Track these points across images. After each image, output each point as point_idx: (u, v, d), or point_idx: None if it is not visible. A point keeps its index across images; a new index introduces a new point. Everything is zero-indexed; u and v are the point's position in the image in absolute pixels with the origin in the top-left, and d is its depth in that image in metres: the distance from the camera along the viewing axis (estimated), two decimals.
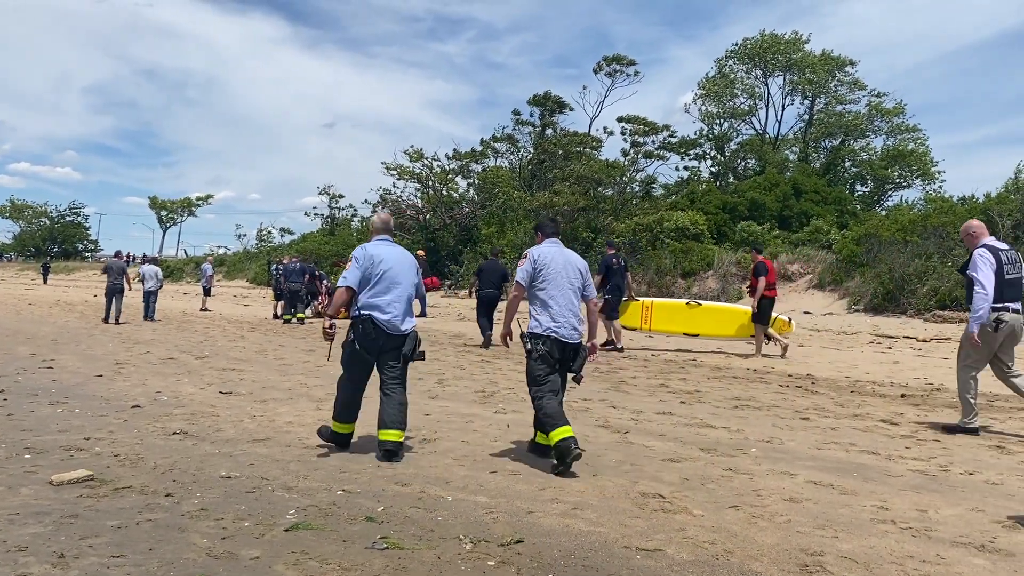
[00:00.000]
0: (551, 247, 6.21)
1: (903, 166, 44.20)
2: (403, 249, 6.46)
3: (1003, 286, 7.02)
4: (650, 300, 15.46)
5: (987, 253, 7.11)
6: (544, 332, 5.89)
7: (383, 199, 42.97)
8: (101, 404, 7.88)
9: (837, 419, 7.95)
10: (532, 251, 6.19)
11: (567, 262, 6.13)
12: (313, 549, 3.92)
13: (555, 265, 6.03)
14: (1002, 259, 7.11)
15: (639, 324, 14.84)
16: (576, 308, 6.06)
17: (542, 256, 6.06)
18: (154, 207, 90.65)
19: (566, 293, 5.99)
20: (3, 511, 4.40)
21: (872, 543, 4.19)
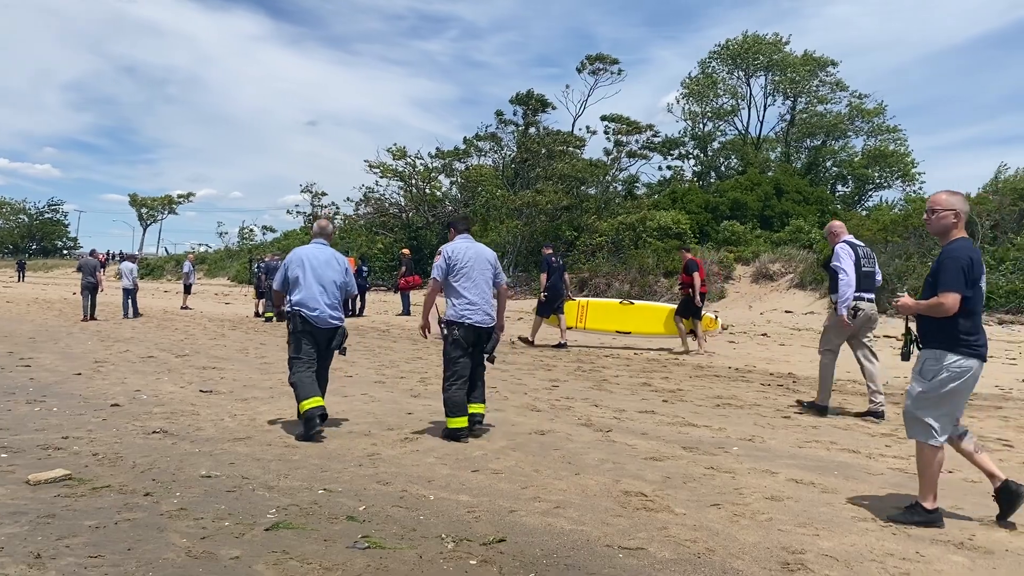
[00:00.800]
0: (463, 242, 6.88)
1: (884, 167, 44.50)
2: (333, 251, 7.19)
3: (860, 277, 7.85)
4: (586, 300, 16.09)
5: (847, 247, 7.95)
6: (459, 319, 6.61)
7: (366, 197, 42.76)
8: (79, 403, 7.80)
9: (818, 418, 7.99)
10: (445, 248, 6.83)
11: (478, 255, 6.81)
12: (294, 549, 3.89)
13: (467, 258, 6.72)
14: (859, 254, 7.96)
15: (575, 323, 15.25)
16: (488, 296, 6.76)
17: (455, 251, 6.74)
18: (134, 205, 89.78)
19: (478, 283, 6.70)
20: None
21: (853, 541, 4.22)
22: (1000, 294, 20.13)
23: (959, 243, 4.54)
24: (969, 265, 4.40)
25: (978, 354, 4.46)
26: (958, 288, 4.36)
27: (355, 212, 44.34)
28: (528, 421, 7.42)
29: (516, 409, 8.06)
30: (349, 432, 6.76)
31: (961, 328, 4.42)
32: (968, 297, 4.39)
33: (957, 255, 4.43)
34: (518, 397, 8.80)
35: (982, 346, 4.48)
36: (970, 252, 4.46)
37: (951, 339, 4.44)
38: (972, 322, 4.44)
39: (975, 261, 4.43)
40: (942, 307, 4.40)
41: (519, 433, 6.86)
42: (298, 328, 6.81)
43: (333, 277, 6.96)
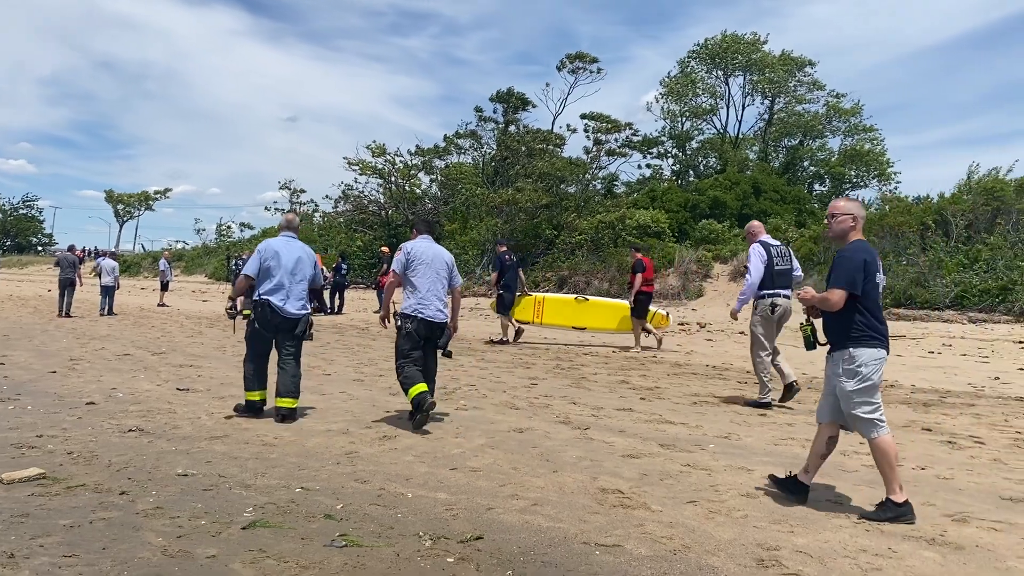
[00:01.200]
0: (423, 242, 7.35)
1: (860, 166, 44.89)
2: (302, 244, 7.58)
3: (774, 276, 8.27)
4: (542, 295, 16.42)
5: (760, 248, 8.44)
6: (412, 312, 7.06)
7: (345, 195, 42.60)
8: (54, 401, 7.73)
9: (794, 415, 8.07)
10: (406, 245, 7.33)
11: (436, 255, 7.27)
12: (271, 547, 3.88)
13: (425, 257, 7.18)
14: (772, 253, 8.39)
15: (532, 318, 15.52)
16: (442, 294, 7.23)
17: (415, 249, 7.20)
18: (110, 201, 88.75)
19: (434, 281, 7.16)
20: None
21: (827, 537, 4.27)
22: (973, 293, 20.39)
23: (855, 245, 4.84)
24: (863, 265, 4.70)
25: (883, 344, 4.77)
26: (845, 286, 4.68)
27: (334, 209, 44.19)
28: (507, 419, 7.44)
29: (495, 407, 8.07)
30: (327, 430, 6.75)
31: (861, 324, 4.74)
32: (861, 295, 4.71)
33: (851, 256, 4.75)
34: (497, 395, 8.82)
35: (884, 336, 4.79)
36: (864, 253, 4.77)
37: (856, 336, 4.74)
38: (869, 317, 4.76)
39: (868, 261, 4.73)
40: (828, 301, 4.74)
41: (497, 431, 6.88)
42: (264, 318, 7.18)
43: (303, 270, 7.37)
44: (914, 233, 24.09)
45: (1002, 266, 20.83)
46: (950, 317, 19.92)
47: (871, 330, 4.74)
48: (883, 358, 4.76)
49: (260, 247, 7.45)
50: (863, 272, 4.70)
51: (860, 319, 4.73)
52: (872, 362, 4.71)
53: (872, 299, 4.75)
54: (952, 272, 21.53)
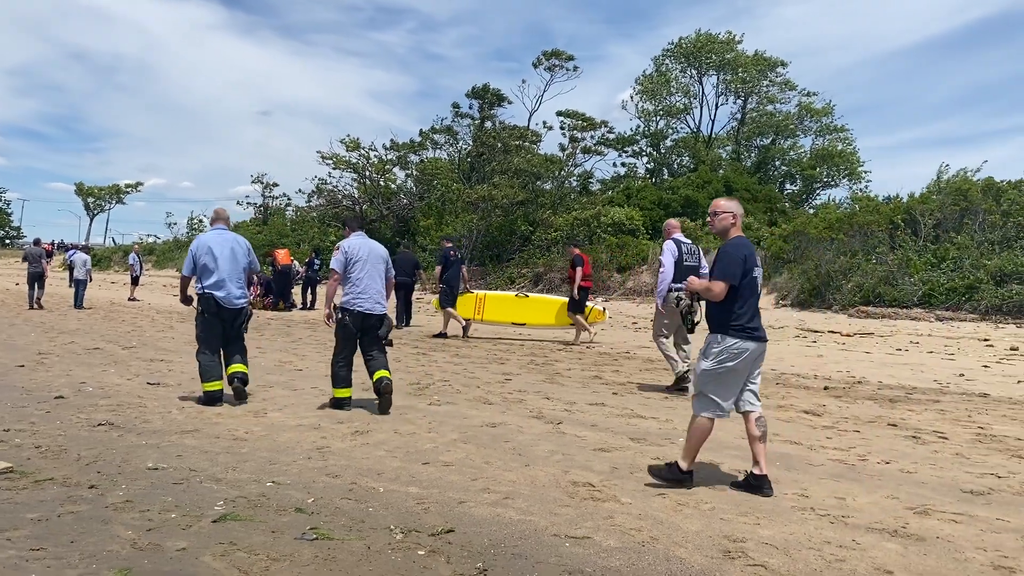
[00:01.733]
0: (357, 239, 7.65)
1: (831, 166, 45.42)
2: (234, 235, 7.93)
3: (682, 271, 8.75)
4: (483, 292, 16.81)
5: (672, 245, 9.02)
6: (349, 306, 7.37)
7: (318, 189, 42.37)
8: (22, 395, 7.65)
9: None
10: (343, 243, 7.62)
11: (372, 250, 7.60)
12: (241, 540, 3.89)
13: (362, 253, 7.49)
14: (683, 250, 9.03)
15: (473, 314, 15.65)
16: (380, 287, 7.55)
17: (351, 247, 7.52)
18: (80, 194, 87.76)
19: (371, 275, 7.46)
20: None
21: (792, 529, 4.34)
22: (940, 291, 20.68)
23: (735, 241, 5.16)
24: (743, 259, 5.01)
25: (753, 337, 5.02)
26: (727, 278, 4.98)
27: (307, 204, 43.94)
28: (480, 414, 7.47)
29: (468, 402, 8.10)
30: (298, 425, 6.74)
31: (736, 315, 5.00)
32: (739, 287, 5.00)
33: (733, 252, 5.06)
34: (471, 390, 8.84)
35: (756, 329, 5.05)
36: (744, 249, 5.09)
37: (729, 325, 5.00)
38: (745, 309, 5.02)
39: (748, 256, 5.04)
40: (711, 291, 5.03)
41: (471, 426, 6.90)
42: (210, 310, 7.53)
43: (239, 260, 7.72)
44: (883, 232, 24.39)
45: (968, 265, 21.14)
46: (918, 315, 20.20)
47: (744, 322, 5.00)
48: (747, 351, 4.99)
49: (192, 245, 7.74)
50: (743, 267, 5.00)
51: (736, 310, 5.00)
52: (734, 351, 4.98)
53: (749, 291, 5.04)
54: (920, 271, 21.83)
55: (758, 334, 5.05)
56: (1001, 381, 10.82)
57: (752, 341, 5.00)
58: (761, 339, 5.07)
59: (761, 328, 5.10)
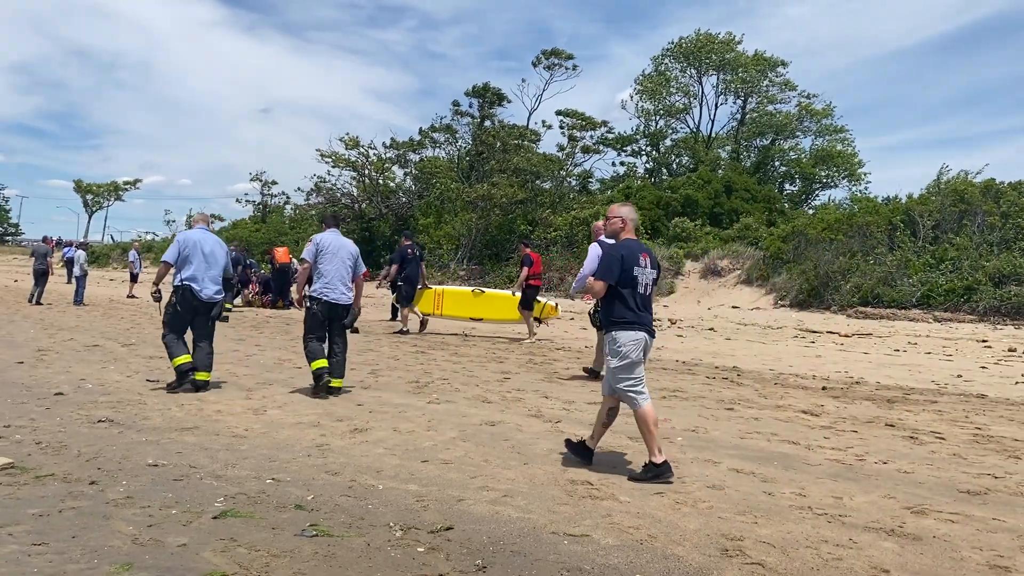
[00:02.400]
0: (331, 235, 8.39)
1: (830, 166, 45.48)
2: (215, 237, 8.58)
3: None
4: (441, 288, 17.04)
5: (598, 248, 9.16)
6: (318, 295, 8.10)
7: (317, 187, 42.39)
8: (22, 391, 7.66)
9: (760, 410, 8.19)
10: (315, 237, 8.40)
11: (342, 246, 8.35)
12: (242, 536, 3.91)
13: (332, 247, 8.22)
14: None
15: (432, 310, 16.15)
16: (347, 279, 8.28)
17: (323, 240, 8.25)
18: (79, 191, 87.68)
19: (339, 268, 8.19)
20: None
21: (790, 528, 4.37)
22: (939, 293, 20.73)
23: (620, 243, 5.54)
24: (620, 259, 5.35)
25: (640, 328, 5.38)
26: (605, 278, 5.35)
27: (306, 202, 43.96)
28: (479, 412, 7.49)
29: (467, 401, 8.12)
30: (298, 423, 6.76)
31: (620, 311, 5.37)
32: (618, 284, 5.35)
33: (611, 251, 5.46)
34: (470, 389, 8.86)
35: (642, 323, 5.39)
36: (624, 250, 5.42)
37: (616, 321, 5.38)
38: (628, 305, 5.37)
39: (626, 256, 5.37)
40: (592, 290, 5.45)
41: (470, 424, 6.92)
42: (186, 299, 8.11)
43: (219, 259, 8.39)
44: (882, 233, 24.45)
45: (967, 266, 21.20)
46: (916, 316, 20.26)
47: (629, 316, 5.35)
48: (641, 338, 5.34)
49: (179, 238, 8.42)
50: (620, 265, 5.34)
51: (620, 306, 5.36)
52: (630, 343, 5.32)
53: (631, 288, 5.37)
54: (919, 272, 21.88)
55: (646, 327, 5.41)
56: (999, 382, 10.86)
57: (641, 331, 5.36)
58: (650, 332, 5.44)
59: (645, 320, 5.43)
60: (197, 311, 8.17)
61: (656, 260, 5.73)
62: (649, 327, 5.44)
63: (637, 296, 5.39)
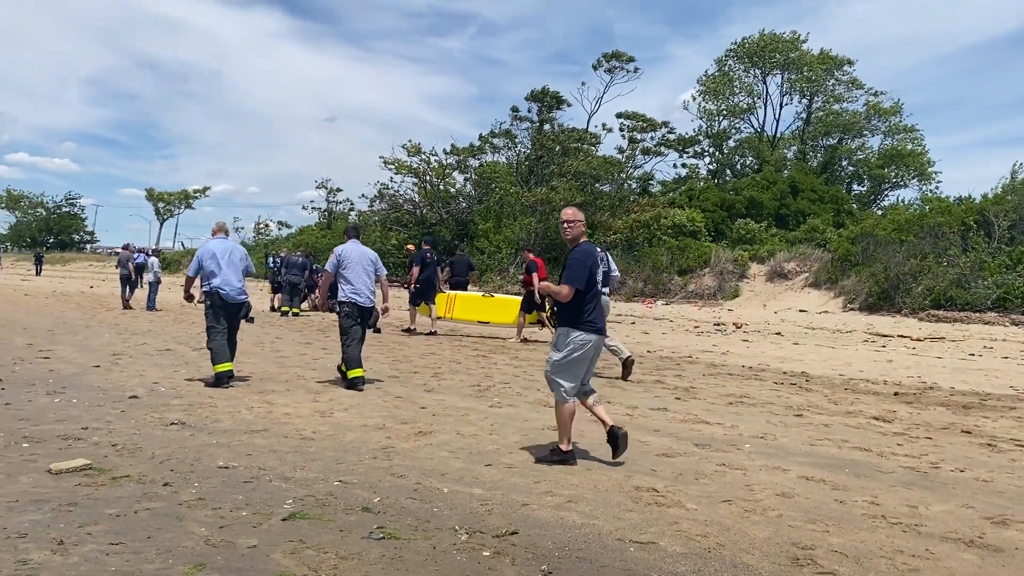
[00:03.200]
0: (351, 245, 9.18)
1: (900, 166, 44.30)
2: (234, 243, 9.38)
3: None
4: (453, 292, 17.31)
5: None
6: (346, 299, 8.94)
7: (380, 193, 42.93)
8: (98, 394, 7.90)
9: (830, 416, 8.01)
10: (337, 248, 9.23)
11: (362, 255, 9.16)
12: (310, 538, 3.96)
13: (353, 256, 9.05)
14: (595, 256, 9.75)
15: (444, 313, 16.60)
16: (369, 284, 9.09)
17: (344, 251, 9.08)
18: (151, 199, 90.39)
19: (360, 274, 9.01)
20: (3, 499, 4.44)
21: (863, 537, 4.25)
22: (1016, 295, 20.02)
23: (582, 248, 5.74)
24: (588, 267, 5.62)
25: (595, 329, 5.66)
26: (573, 283, 5.56)
27: (370, 208, 44.53)
28: (541, 417, 7.48)
29: (529, 405, 8.11)
30: (363, 426, 6.84)
31: (580, 311, 5.62)
32: (584, 288, 5.60)
33: (581, 258, 5.64)
34: (531, 393, 8.85)
35: (597, 328, 5.68)
36: (589, 257, 5.67)
37: (574, 319, 5.64)
38: (590, 307, 5.66)
39: (592, 265, 5.65)
40: (560, 294, 5.58)
41: (532, 428, 6.92)
42: (217, 304, 8.84)
43: (239, 263, 9.12)
44: (955, 234, 23.72)
45: None
46: (992, 319, 19.59)
47: (587, 318, 5.63)
48: (591, 341, 5.64)
49: (199, 251, 9.23)
50: (588, 272, 5.60)
51: (581, 308, 5.62)
52: (580, 344, 5.60)
53: (592, 292, 5.67)
54: (994, 273, 21.17)
55: (598, 327, 5.70)
56: None
57: (594, 334, 5.65)
58: (601, 332, 5.74)
59: (601, 322, 5.77)
60: (228, 311, 8.93)
61: (606, 256, 6.03)
62: (602, 329, 5.77)
63: (595, 299, 5.73)
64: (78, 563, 3.56)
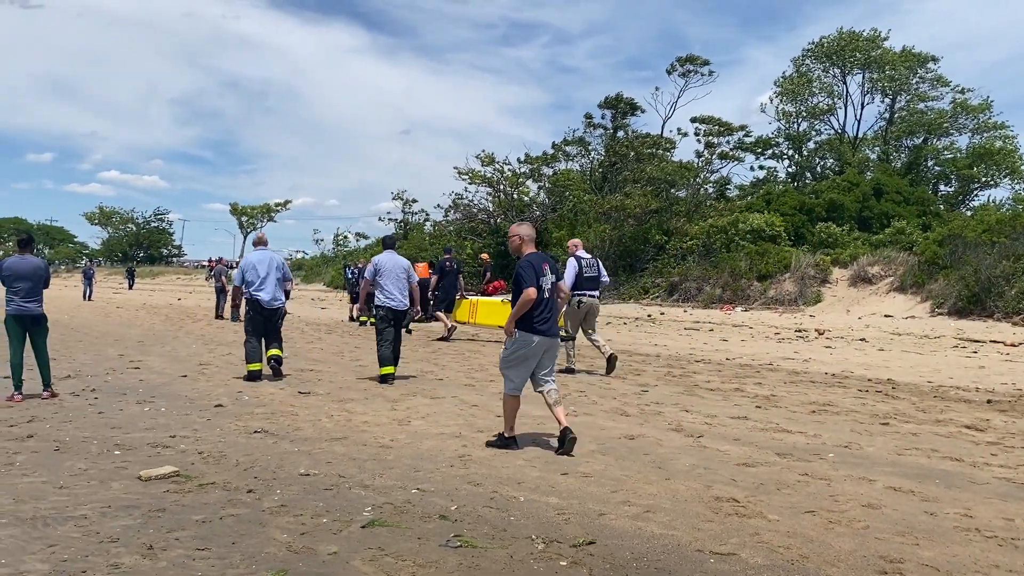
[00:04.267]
0: (387, 255, 10.34)
1: (990, 164, 42.52)
2: (271, 254, 10.43)
3: (583, 281, 11.08)
4: (476, 298, 17.78)
5: (574, 261, 11.18)
6: (383, 304, 10.07)
7: (455, 204, 43.29)
8: (186, 403, 8.17)
9: (919, 425, 7.73)
10: (375, 258, 10.38)
11: (396, 264, 10.26)
12: (389, 546, 4.00)
13: (388, 265, 10.18)
14: (582, 265, 11.18)
15: (467, 318, 16.98)
16: (403, 289, 10.21)
17: (380, 261, 10.23)
18: (235, 213, 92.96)
19: (395, 281, 10.13)
20: (96, 504, 4.62)
21: (955, 551, 4.08)
22: None
23: (528, 257, 6.38)
24: (536, 271, 6.26)
25: (539, 331, 6.27)
26: (532, 284, 6.17)
27: (445, 218, 44.96)
28: (617, 426, 7.42)
29: (605, 414, 8.06)
30: (440, 434, 6.89)
31: (528, 317, 6.24)
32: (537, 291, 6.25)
33: (525, 265, 6.29)
34: (607, 402, 8.79)
35: (544, 323, 6.30)
36: (528, 264, 6.29)
37: (522, 322, 6.25)
38: (535, 311, 6.24)
39: (537, 270, 6.26)
40: (526, 298, 6.15)
41: (608, 437, 6.86)
42: (256, 309, 10.00)
43: (276, 272, 10.21)
44: None
45: None
46: None
47: (536, 321, 6.26)
48: (535, 341, 6.26)
49: (242, 263, 10.41)
50: (536, 275, 6.23)
51: (529, 312, 6.22)
52: (524, 342, 6.25)
53: (540, 296, 6.24)
54: None
55: (543, 328, 6.29)
56: None
57: (538, 335, 6.25)
58: (546, 333, 6.31)
59: (550, 323, 6.37)
60: (265, 316, 10.04)
61: (555, 267, 6.67)
62: (548, 332, 6.35)
63: (544, 303, 6.30)
64: (166, 568, 3.67)
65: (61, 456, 5.84)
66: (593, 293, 11.31)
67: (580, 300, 11.19)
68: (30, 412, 7.54)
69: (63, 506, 4.59)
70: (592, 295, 11.28)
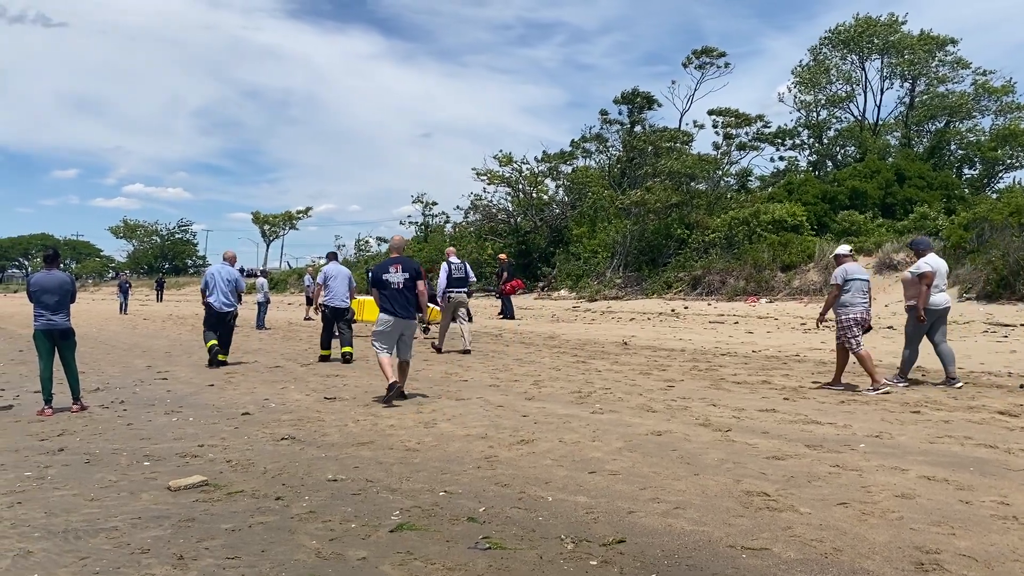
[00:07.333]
0: (333, 265, 13.74)
1: (1015, 146, 41.90)
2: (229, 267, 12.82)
3: (452, 281, 13.87)
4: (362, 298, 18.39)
5: (445, 266, 14.01)
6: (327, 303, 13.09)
7: (474, 205, 43.35)
8: (213, 412, 8.21)
9: (950, 412, 7.62)
10: (324, 268, 13.64)
11: (339, 272, 13.45)
12: (418, 549, 3.99)
13: (334, 273, 13.39)
14: (452, 268, 13.94)
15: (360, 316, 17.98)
16: (345, 294, 13.19)
17: (329, 269, 13.50)
18: (257, 222, 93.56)
19: (340, 286, 13.26)
20: (126, 515, 4.65)
21: (993, 540, 4.01)
22: None
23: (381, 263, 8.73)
24: (379, 274, 8.71)
25: (389, 312, 8.59)
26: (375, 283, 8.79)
27: (464, 220, 45.02)
28: (644, 422, 7.37)
29: (631, 410, 8.01)
30: (466, 435, 6.88)
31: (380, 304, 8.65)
32: (377, 288, 8.70)
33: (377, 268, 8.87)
34: (633, 398, 8.74)
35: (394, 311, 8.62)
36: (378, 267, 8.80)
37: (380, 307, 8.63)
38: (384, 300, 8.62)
39: (376, 270, 8.70)
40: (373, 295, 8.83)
41: (635, 434, 6.82)
42: (211, 313, 12.38)
43: (229, 283, 12.48)
44: None
45: None
46: None
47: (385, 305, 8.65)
48: (391, 321, 8.58)
49: (206, 274, 12.83)
50: (377, 276, 8.66)
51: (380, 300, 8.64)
52: (383, 321, 8.59)
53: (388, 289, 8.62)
54: None
55: (389, 310, 8.59)
56: None
57: (390, 315, 8.58)
58: (393, 314, 8.57)
59: (393, 307, 8.58)
60: (219, 318, 12.33)
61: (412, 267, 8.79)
62: (400, 313, 8.59)
63: (391, 293, 8.61)
64: None
65: (91, 468, 5.89)
66: (461, 290, 14.01)
67: (449, 296, 13.91)
68: (60, 425, 7.61)
69: (94, 518, 4.62)
70: (460, 291, 13.99)
